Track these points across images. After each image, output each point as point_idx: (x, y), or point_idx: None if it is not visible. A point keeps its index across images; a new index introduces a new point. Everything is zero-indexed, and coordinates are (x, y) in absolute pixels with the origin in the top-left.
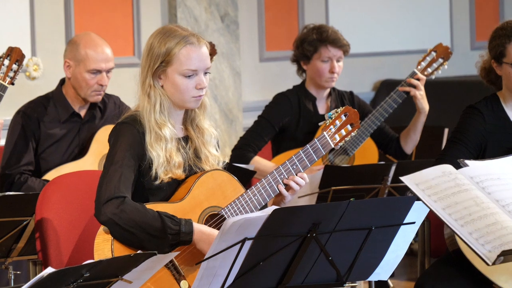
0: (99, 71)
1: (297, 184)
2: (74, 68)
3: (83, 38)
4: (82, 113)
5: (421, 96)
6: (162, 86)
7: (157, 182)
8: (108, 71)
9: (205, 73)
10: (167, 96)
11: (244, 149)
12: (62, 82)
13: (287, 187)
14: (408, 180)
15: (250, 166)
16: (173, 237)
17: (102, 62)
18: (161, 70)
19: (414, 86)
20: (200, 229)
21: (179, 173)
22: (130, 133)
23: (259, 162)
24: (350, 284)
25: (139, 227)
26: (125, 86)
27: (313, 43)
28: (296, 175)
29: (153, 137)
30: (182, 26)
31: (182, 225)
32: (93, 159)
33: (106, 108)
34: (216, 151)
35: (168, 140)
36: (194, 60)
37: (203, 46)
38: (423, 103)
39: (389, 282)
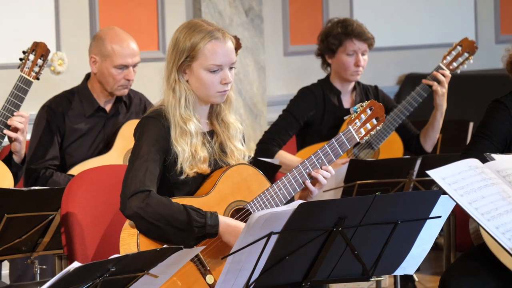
0: (126, 66)
1: (324, 177)
2: (101, 64)
3: (109, 33)
4: (107, 108)
5: (442, 93)
6: (187, 81)
7: (183, 176)
8: (134, 65)
9: (231, 68)
10: (192, 90)
11: (269, 143)
12: (88, 76)
13: (313, 181)
14: (434, 174)
15: (275, 160)
16: (199, 230)
17: (128, 57)
18: (186, 65)
19: (439, 82)
20: (226, 221)
21: (205, 168)
22: (156, 127)
23: (284, 156)
24: (376, 279)
25: (165, 221)
26: (150, 81)
27: (338, 36)
28: (321, 168)
29: (178, 132)
30: (208, 20)
31: (208, 218)
32: (118, 154)
33: (131, 103)
34: (241, 145)
35: (193, 134)
36: (219, 55)
37: (228, 41)
38: (442, 101)
39: (414, 276)
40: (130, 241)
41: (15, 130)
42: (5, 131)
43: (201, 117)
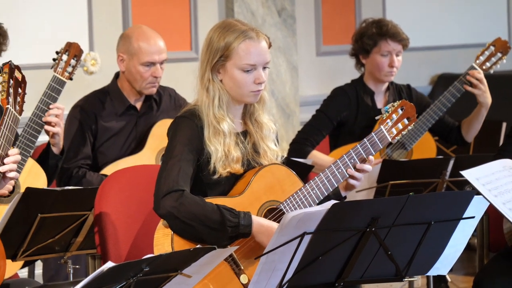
0: (152, 63)
1: (364, 170)
2: (128, 62)
3: (135, 31)
4: (138, 105)
5: (481, 92)
6: (221, 81)
7: (216, 176)
8: (161, 62)
9: (264, 67)
10: (226, 90)
11: (302, 143)
12: (117, 75)
13: (351, 177)
14: (468, 174)
15: (308, 161)
16: (232, 229)
17: (155, 54)
18: (220, 65)
19: (473, 85)
20: (259, 221)
21: (238, 168)
22: (189, 127)
23: (316, 156)
24: (409, 279)
25: (198, 220)
26: (183, 81)
27: (372, 37)
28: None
29: (212, 132)
30: (242, 20)
31: (241, 218)
32: (150, 153)
33: (161, 100)
34: (275, 145)
35: (227, 134)
36: (253, 55)
37: (262, 41)
38: (483, 98)
39: (447, 276)
40: (164, 241)
41: (52, 124)
42: (45, 126)
43: (235, 117)
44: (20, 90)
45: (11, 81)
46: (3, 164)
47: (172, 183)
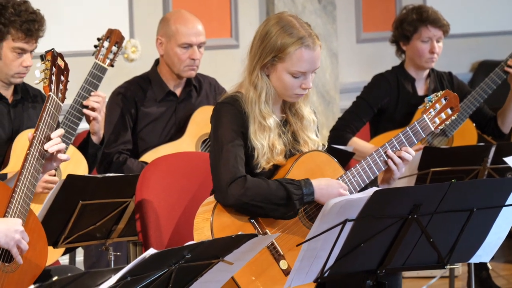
0: (190, 45)
1: (405, 159)
2: (166, 44)
3: (174, 14)
4: (178, 91)
5: None
6: (267, 75)
7: (258, 170)
8: (199, 45)
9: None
10: (272, 86)
11: (342, 130)
12: (157, 62)
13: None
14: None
15: (348, 148)
16: (299, 202)
17: (192, 36)
18: (270, 63)
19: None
20: (319, 185)
21: (281, 160)
22: (232, 113)
23: (357, 143)
24: (450, 266)
25: (266, 200)
26: (223, 68)
27: (413, 23)
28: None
29: (258, 127)
30: (299, 19)
31: (303, 187)
32: (190, 140)
33: (201, 87)
34: (315, 136)
35: (272, 129)
36: (305, 63)
37: (317, 48)
38: None
39: (489, 264)
40: (204, 226)
41: (93, 110)
42: (84, 110)
43: (275, 106)
44: (62, 78)
45: (54, 69)
46: (46, 152)
47: (232, 171)
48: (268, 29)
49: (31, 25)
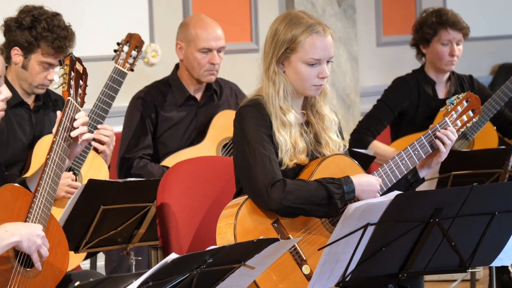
0: (209, 50)
1: (448, 138)
2: (186, 49)
3: (193, 18)
4: (198, 96)
5: None
6: (284, 72)
7: (282, 168)
8: (219, 50)
9: (328, 62)
10: (290, 82)
11: (363, 133)
12: (177, 67)
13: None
14: None
15: (369, 151)
16: (340, 201)
17: (212, 41)
18: (284, 57)
19: None
20: (359, 182)
21: (303, 158)
22: (257, 116)
23: (378, 146)
24: (471, 270)
25: (308, 201)
26: (243, 72)
27: (432, 26)
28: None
29: (279, 123)
30: (307, 13)
31: (344, 185)
32: (211, 144)
33: (222, 92)
34: (337, 137)
35: (293, 125)
36: (318, 50)
37: (328, 35)
38: None
39: (510, 268)
40: (227, 230)
41: (101, 143)
42: (92, 143)
43: (297, 107)
44: (81, 82)
45: (72, 73)
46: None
47: (270, 176)
48: (277, 27)
49: (62, 42)
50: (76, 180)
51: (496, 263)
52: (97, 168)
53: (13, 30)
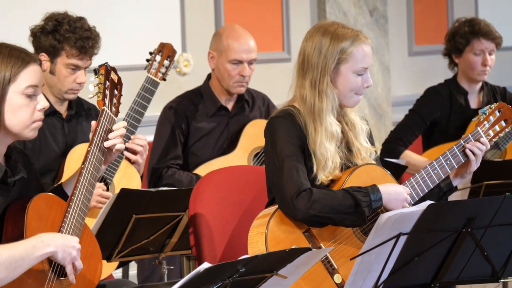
0: (240, 62)
1: (479, 149)
2: (217, 59)
3: (227, 29)
4: (229, 106)
5: None
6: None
7: (317, 183)
8: (250, 62)
9: None
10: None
11: (394, 143)
12: (209, 76)
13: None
14: None
15: (401, 161)
16: (367, 208)
17: (243, 53)
18: (334, 69)
19: None
20: (386, 190)
21: (338, 174)
22: (288, 126)
23: (410, 156)
24: (503, 280)
25: (335, 210)
26: (275, 81)
27: (465, 35)
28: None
29: (329, 135)
30: (339, 22)
31: (371, 194)
32: (242, 154)
33: (254, 102)
34: (366, 143)
35: (338, 138)
36: (368, 57)
37: (369, 44)
38: None
39: None
40: (259, 239)
41: (134, 153)
42: (125, 153)
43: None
44: (116, 92)
45: (107, 83)
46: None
47: (297, 185)
48: (320, 40)
49: (85, 42)
50: (108, 190)
51: None
52: (129, 178)
53: (37, 36)
